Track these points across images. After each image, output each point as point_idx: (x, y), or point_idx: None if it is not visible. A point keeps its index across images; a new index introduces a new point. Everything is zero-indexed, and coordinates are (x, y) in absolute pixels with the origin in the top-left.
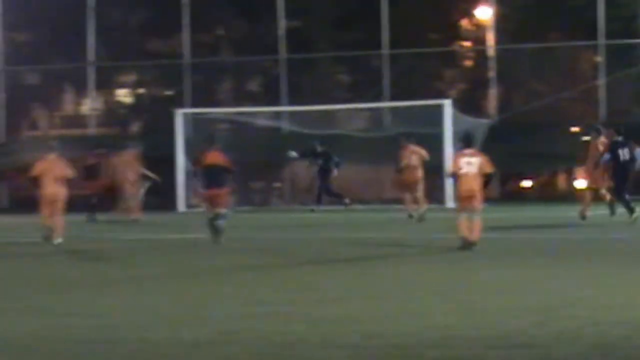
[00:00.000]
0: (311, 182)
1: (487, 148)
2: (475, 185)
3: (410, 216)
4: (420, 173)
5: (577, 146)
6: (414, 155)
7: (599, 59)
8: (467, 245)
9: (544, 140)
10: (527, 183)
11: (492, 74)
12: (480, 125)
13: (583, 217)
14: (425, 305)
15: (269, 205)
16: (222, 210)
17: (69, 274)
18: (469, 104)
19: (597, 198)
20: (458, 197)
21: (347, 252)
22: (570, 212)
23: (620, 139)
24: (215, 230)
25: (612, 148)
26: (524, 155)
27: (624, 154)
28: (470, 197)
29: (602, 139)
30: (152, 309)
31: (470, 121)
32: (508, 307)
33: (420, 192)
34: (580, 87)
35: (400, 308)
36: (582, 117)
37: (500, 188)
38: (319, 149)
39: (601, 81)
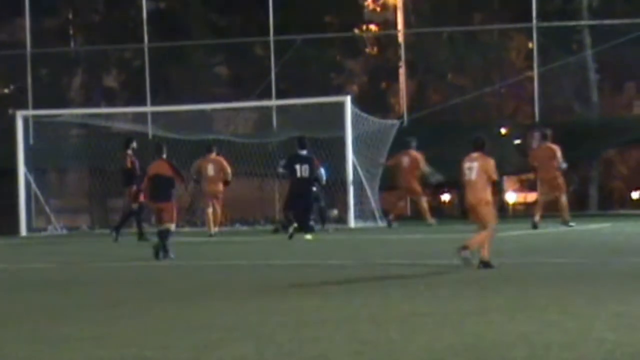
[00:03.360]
0: (192, 201)
1: (396, 154)
2: (476, 194)
3: (210, 235)
4: (220, 186)
5: (508, 151)
6: (210, 165)
7: (532, 45)
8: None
9: (466, 145)
10: (445, 197)
11: (402, 64)
12: (387, 127)
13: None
14: (328, 345)
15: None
16: (168, 226)
17: None
18: (374, 102)
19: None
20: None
21: (241, 282)
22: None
23: (303, 153)
24: (156, 248)
25: (290, 162)
26: (440, 163)
27: (302, 170)
28: (472, 209)
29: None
30: None
31: (375, 122)
32: (433, 347)
33: (218, 207)
34: (510, 80)
35: (296, 350)
36: (512, 115)
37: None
38: None
39: (535, 72)
